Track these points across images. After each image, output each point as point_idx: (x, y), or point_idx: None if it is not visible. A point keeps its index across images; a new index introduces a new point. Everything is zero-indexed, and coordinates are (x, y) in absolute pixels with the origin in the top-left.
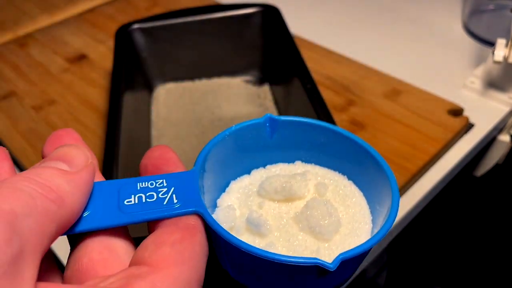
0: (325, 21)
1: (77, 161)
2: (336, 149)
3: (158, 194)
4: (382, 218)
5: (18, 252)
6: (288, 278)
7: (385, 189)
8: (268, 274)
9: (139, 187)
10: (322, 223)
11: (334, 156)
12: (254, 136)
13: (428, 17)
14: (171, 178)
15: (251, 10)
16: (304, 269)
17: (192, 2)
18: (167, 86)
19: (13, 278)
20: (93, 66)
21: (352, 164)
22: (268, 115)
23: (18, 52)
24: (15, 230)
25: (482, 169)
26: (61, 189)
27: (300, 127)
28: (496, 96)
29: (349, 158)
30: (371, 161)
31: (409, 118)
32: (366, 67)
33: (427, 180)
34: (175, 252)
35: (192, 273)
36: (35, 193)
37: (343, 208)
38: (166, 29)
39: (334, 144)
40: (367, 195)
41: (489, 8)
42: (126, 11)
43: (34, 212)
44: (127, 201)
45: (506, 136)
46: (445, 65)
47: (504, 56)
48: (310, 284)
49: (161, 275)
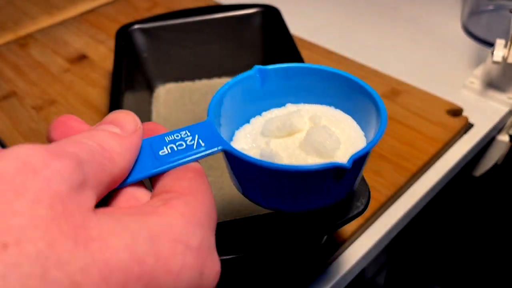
0: (325, 22)
1: (128, 126)
2: (321, 86)
3: (186, 142)
4: (373, 132)
5: (82, 182)
6: (305, 189)
7: (369, 106)
8: (290, 188)
9: (167, 140)
10: (325, 143)
11: (320, 93)
12: (247, 88)
13: (428, 18)
14: (193, 128)
15: (251, 10)
16: (323, 174)
17: (193, 3)
18: (168, 86)
19: (78, 196)
20: (93, 66)
21: (338, 94)
22: (257, 66)
23: (18, 52)
24: (80, 165)
25: (481, 169)
26: (113, 150)
27: (288, 73)
28: (495, 96)
29: (335, 90)
30: (353, 86)
31: (408, 118)
32: (366, 67)
33: (426, 180)
34: (194, 183)
35: (212, 200)
36: (93, 148)
37: (338, 130)
38: (166, 30)
39: (319, 82)
40: (355, 117)
41: (488, 9)
42: (126, 11)
43: (92, 162)
44: (162, 152)
45: (505, 136)
46: (444, 66)
47: (503, 56)
48: (324, 194)
49: (190, 197)
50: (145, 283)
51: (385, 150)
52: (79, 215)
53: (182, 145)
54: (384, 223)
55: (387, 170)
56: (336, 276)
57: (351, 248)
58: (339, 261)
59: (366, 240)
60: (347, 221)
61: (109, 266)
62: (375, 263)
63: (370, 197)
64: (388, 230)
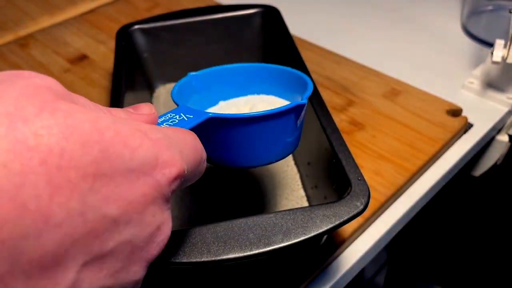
0: (325, 22)
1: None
2: (251, 79)
3: (176, 119)
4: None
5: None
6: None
7: (298, 83)
8: (261, 135)
9: (161, 120)
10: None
11: (251, 84)
12: (188, 90)
13: (427, 18)
14: (174, 111)
15: (251, 11)
16: (290, 113)
17: (193, 3)
18: (168, 86)
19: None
20: (94, 67)
21: (268, 82)
22: (190, 73)
23: (19, 52)
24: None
25: (481, 169)
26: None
27: (215, 75)
28: (494, 96)
29: (263, 79)
30: (277, 72)
31: (408, 118)
32: (365, 68)
33: (426, 179)
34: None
35: (195, 139)
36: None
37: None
38: (166, 30)
39: (248, 76)
40: (290, 97)
41: (488, 9)
42: (126, 11)
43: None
44: None
45: (505, 136)
46: (444, 66)
47: (503, 56)
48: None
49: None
50: (102, 147)
51: (385, 150)
52: (51, 96)
53: (175, 120)
54: (384, 223)
55: (386, 170)
56: (336, 275)
57: (351, 248)
58: (339, 260)
59: (366, 240)
60: (347, 221)
61: (70, 128)
62: (375, 263)
63: (370, 197)
64: (388, 230)
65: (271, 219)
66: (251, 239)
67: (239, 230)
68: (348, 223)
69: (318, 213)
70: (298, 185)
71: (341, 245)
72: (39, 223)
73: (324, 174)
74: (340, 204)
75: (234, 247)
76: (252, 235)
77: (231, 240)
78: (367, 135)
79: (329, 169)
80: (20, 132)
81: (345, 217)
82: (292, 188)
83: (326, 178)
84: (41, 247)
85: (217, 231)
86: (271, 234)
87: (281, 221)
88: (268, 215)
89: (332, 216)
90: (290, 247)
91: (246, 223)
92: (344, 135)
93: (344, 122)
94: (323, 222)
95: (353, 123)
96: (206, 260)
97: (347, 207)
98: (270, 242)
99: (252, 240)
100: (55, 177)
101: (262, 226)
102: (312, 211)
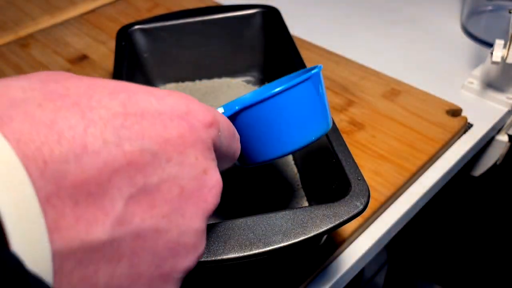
0: (325, 22)
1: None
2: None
3: None
4: None
5: None
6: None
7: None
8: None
9: None
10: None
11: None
12: None
13: (427, 18)
14: None
15: (252, 11)
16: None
17: (193, 3)
18: (168, 86)
19: None
20: (94, 67)
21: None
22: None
23: (19, 52)
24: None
25: (481, 169)
26: None
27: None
28: (494, 97)
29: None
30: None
31: (408, 118)
32: (365, 68)
33: (426, 179)
34: None
35: (228, 122)
36: None
37: None
38: (167, 30)
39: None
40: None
41: (488, 9)
42: (127, 12)
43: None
44: None
45: (505, 136)
46: (443, 66)
47: (502, 56)
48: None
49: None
50: (127, 95)
51: (384, 150)
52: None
53: None
54: (384, 223)
55: (386, 170)
56: (335, 275)
57: (350, 248)
58: (339, 260)
59: (366, 240)
60: (347, 221)
61: (98, 80)
62: (375, 263)
63: (369, 197)
64: (388, 229)
65: (271, 219)
66: (251, 239)
67: (239, 230)
68: (348, 223)
69: (318, 213)
70: (298, 185)
71: (341, 245)
72: (77, 148)
73: (324, 174)
74: (340, 204)
75: (234, 247)
76: (252, 235)
77: (231, 240)
78: (366, 135)
79: (329, 169)
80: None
81: (345, 217)
82: (292, 188)
83: (326, 178)
84: (83, 171)
85: (217, 230)
86: (271, 234)
87: (281, 221)
88: (268, 215)
89: (332, 216)
90: (290, 247)
91: (246, 223)
92: (344, 135)
93: (344, 122)
94: (323, 222)
95: (353, 123)
96: (206, 259)
97: (347, 207)
98: (269, 242)
99: (252, 240)
100: (87, 113)
101: (262, 226)
102: (312, 211)
